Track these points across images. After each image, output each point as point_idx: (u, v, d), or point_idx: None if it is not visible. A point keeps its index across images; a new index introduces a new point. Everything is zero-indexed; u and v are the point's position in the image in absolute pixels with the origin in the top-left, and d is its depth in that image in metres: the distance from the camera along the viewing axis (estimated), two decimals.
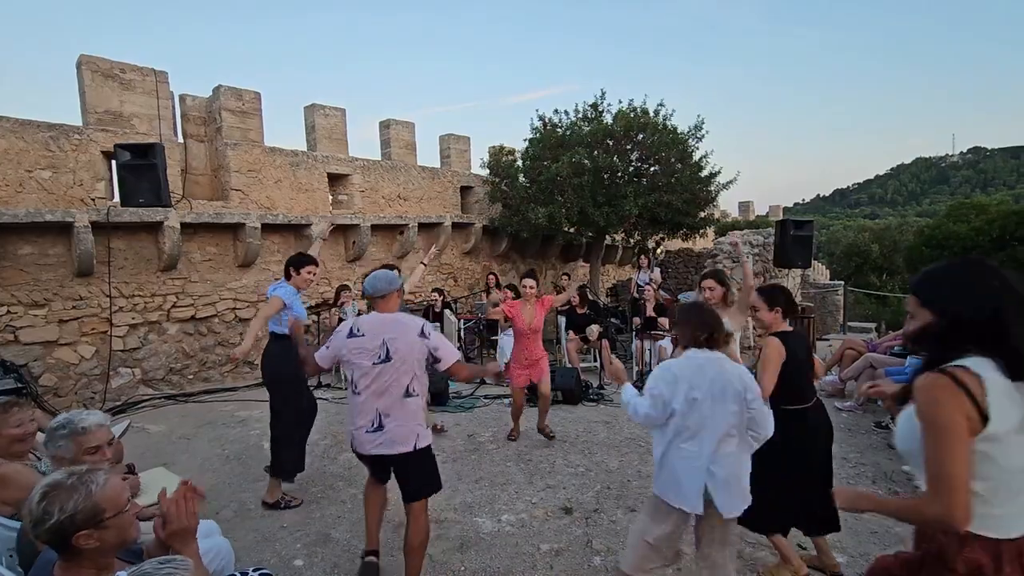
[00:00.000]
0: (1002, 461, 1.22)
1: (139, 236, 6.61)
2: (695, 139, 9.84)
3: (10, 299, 5.78)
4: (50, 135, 6.15)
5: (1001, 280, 1.29)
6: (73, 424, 2.10)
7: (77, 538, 1.40)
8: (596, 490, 3.80)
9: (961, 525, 1.20)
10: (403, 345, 2.52)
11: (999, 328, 1.24)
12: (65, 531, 1.40)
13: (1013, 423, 1.21)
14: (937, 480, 1.21)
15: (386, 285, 2.68)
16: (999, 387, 1.21)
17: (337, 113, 8.89)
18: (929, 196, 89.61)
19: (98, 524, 1.43)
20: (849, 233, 31.45)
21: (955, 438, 1.20)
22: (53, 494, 1.41)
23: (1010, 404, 1.21)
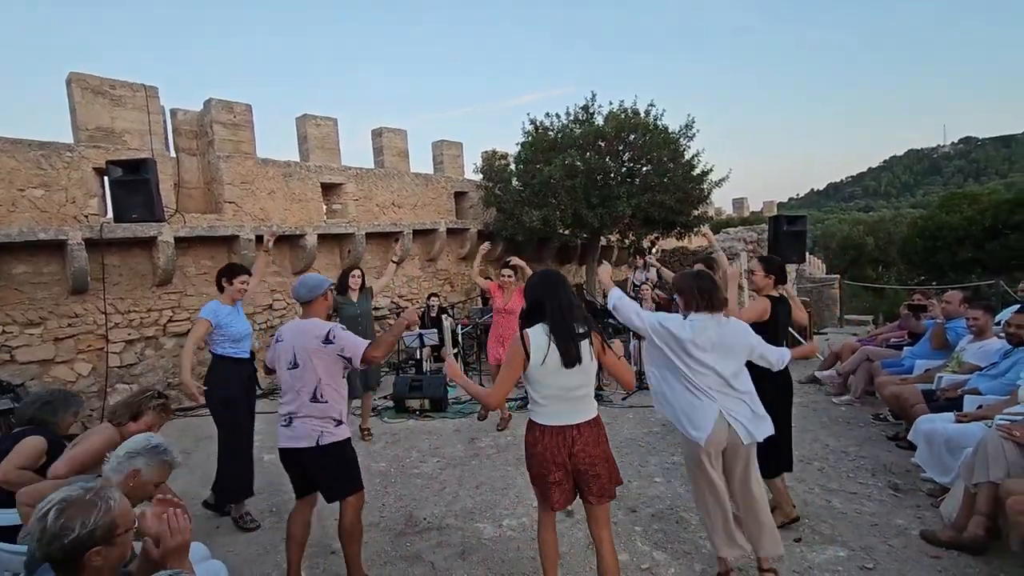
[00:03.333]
0: (540, 380, 2.27)
1: (133, 252, 6.60)
2: (686, 138, 9.87)
3: (5, 318, 5.76)
4: (41, 153, 6.15)
5: (544, 281, 2.38)
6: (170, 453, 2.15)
7: (89, 555, 1.39)
8: None
9: (492, 407, 2.71)
10: (306, 353, 2.62)
11: (542, 309, 2.30)
12: (82, 547, 1.38)
13: (540, 360, 2.23)
14: (498, 382, 2.37)
15: (307, 292, 2.74)
16: (538, 338, 2.26)
17: (329, 123, 8.91)
18: (922, 187, 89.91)
19: (110, 541, 1.43)
20: (844, 227, 31.55)
21: (510, 365, 2.30)
22: (72, 510, 1.40)
23: (540, 349, 2.24)
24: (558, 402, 2.27)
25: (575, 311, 2.30)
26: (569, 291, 2.36)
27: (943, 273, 17.51)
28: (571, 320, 2.26)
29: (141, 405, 2.68)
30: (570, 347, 2.22)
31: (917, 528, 3.12)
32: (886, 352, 5.53)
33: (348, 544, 2.69)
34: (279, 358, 2.71)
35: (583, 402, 2.31)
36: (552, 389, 2.26)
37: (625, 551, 3.03)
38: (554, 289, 2.32)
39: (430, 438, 5.14)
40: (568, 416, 2.27)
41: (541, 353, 2.22)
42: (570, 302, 2.31)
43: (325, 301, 2.80)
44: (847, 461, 4.15)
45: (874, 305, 18.05)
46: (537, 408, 2.31)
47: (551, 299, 2.28)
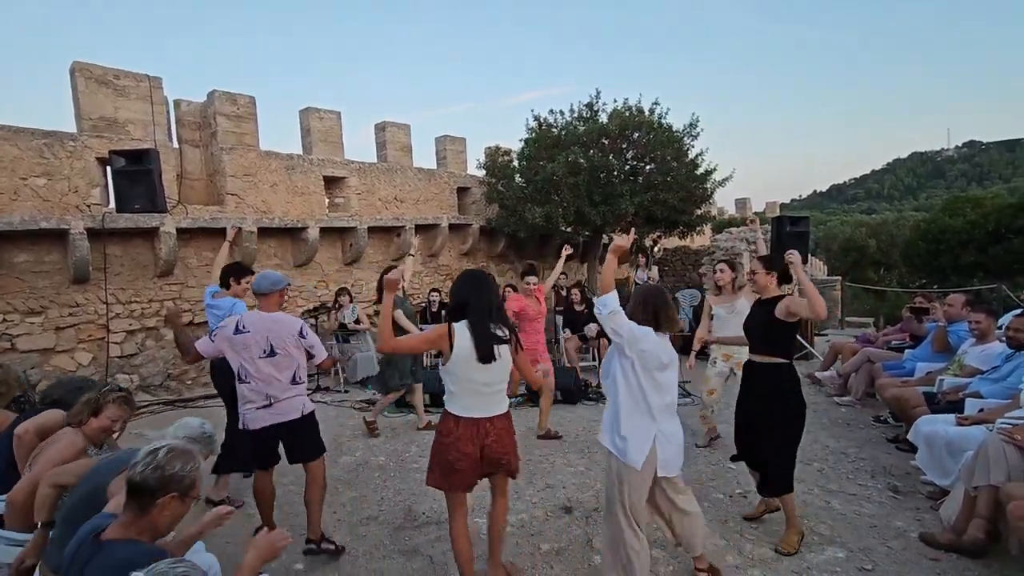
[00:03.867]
0: (459, 374, 2.40)
1: (135, 242, 6.60)
2: (690, 137, 9.85)
3: (6, 307, 5.77)
4: (44, 142, 6.14)
5: (471, 282, 2.52)
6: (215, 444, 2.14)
7: (167, 499, 1.58)
8: (596, 489, 3.79)
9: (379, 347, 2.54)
10: (284, 343, 2.94)
11: (466, 307, 2.45)
12: (167, 486, 1.58)
13: (460, 355, 2.37)
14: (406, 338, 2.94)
15: (269, 285, 3.04)
16: (462, 334, 2.38)
17: (332, 116, 8.89)
18: (925, 190, 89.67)
19: (185, 495, 1.63)
20: (846, 228, 31.51)
21: (426, 339, 2.59)
22: (179, 454, 1.62)
23: (462, 345, 2.37)
24: (472, 395, 2.43)
25: (495, 313, 2.46)
26: (492, 293, 2.50)
27: (945, 276, 17.50)
28: (491, 320, 2.43)
29: (100, 400, 2.62)
30: (487, 345, 2.38)
31: (916, 530, 3.12)
32: (887, 354, 5.52)
33: (319, 498, 3.02)
34: (245, 347, 2.89)
35: (496, 397, 2.47)
36: (467, 383, 2.41)
37: None
38: (479, 290, 2.47)
39: (429, 433, 5.11)
40: (481, 409, 2.43)
41: (462, 347, 2.37)
42: (491, 304, 2.46)
43: (280, 297, 3.11)
44: (847, 462, 4.15)
45: (875, 307, 18.04)
46: (453, 399, 2.46)
47: (475, 299, 2.44)
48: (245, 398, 2.92)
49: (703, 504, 3.53)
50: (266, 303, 3.03)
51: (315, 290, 8.51)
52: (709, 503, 3.55)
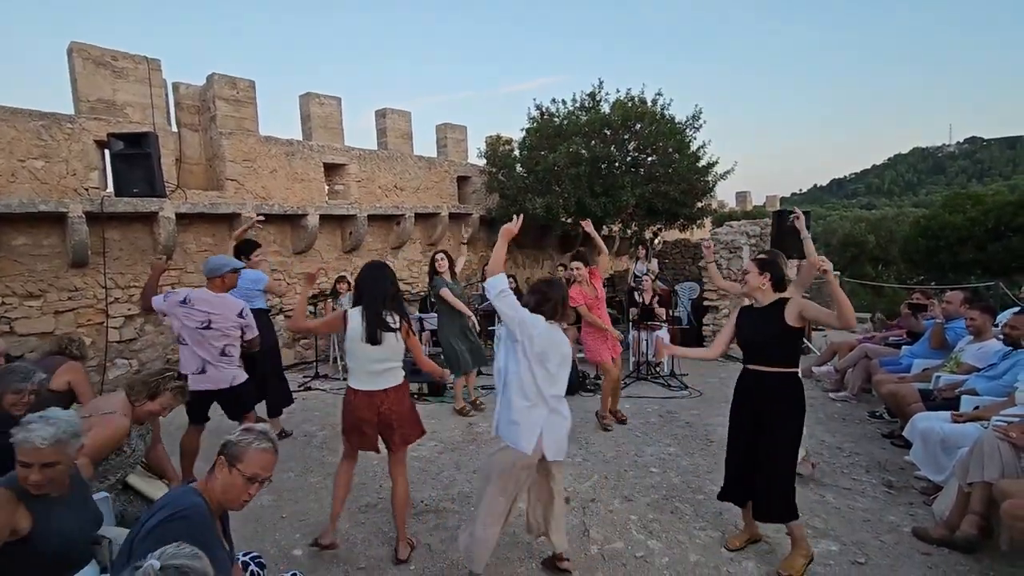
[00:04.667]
0: (351, 351, 2.81)
1: (134, 227, 6.56)
2: (692, 129, 9.79)
3: (5, 290, 5.75)
4: (42, 124, 6.08)
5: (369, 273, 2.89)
6: (20, 427, 1.89)
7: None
8: (593, 480, 3.83)
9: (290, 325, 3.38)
10: (221, 320, 3.46)
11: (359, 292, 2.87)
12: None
13: (352, 336, 2.77)
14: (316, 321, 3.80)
15: (212, 270, 3.56)
16: (355, 318, 2.78)
17: (333, 102, 8.81)
18: (926, 186, 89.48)
19: None
20: (845, 223, 31.47)
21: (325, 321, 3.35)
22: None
23: (354, 328, 2.77)
24: (364, 373, 2.82)
25: (387, 301, 2.81)
26: (387, 283, 2.85)
27: (943, 273, 17.51)
28: (381, 307, 2.77)
29: (160, 385, 2.68)
30: (372, 329, 2.74)
31: (909, 525, 3.15)
32: (885, 350, 5.55)
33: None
34: (186, 316, 3.41)
35: (388, 374, 2.85)
36: (360, 361, 2.81)
37: (620, 539, 3.06)
38: (373, 281, 2.84)
39: (427, 422, 5.09)
40: (373, 383, 2.82)
41: (353, 329, 2.77)
42: (383, 292, 2.81)
43: (223, 282, 3.57)
44: (842, 457, 4.19)
45: (872, 303, 18.09)
46: (351, 375, 2.88)
47: (369, 289, 2.82)
48: (185, 362, 3.46)
49: (699, 496, 3.58)
50: (211, 284, 3.56)
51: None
52: (704, 495, 3.58)
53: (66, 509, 1.96)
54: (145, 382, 2.69)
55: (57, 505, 1.93)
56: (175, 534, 1.51)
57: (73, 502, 2.01)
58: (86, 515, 2.08)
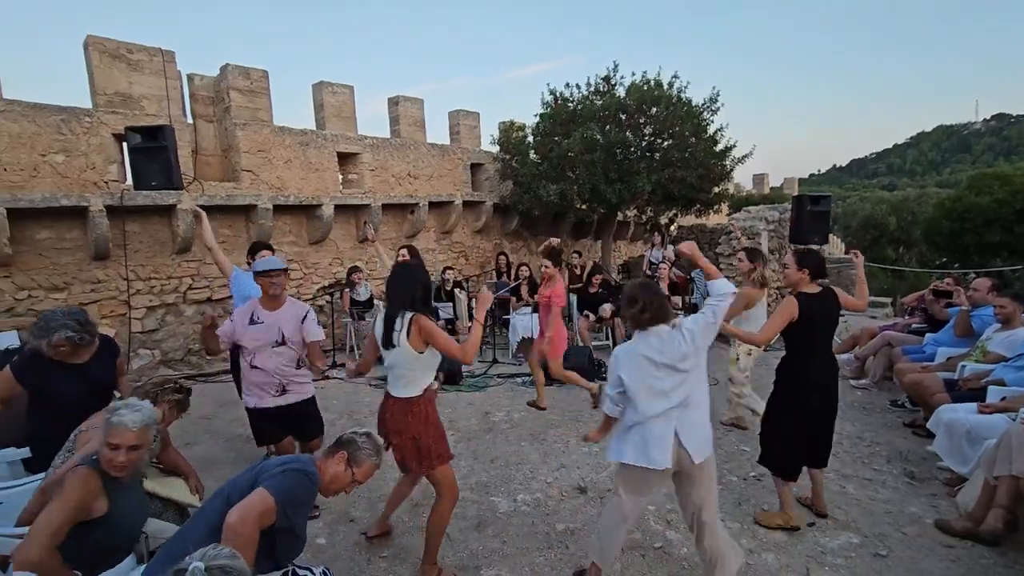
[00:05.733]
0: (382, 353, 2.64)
1: (153, 219, 6.66)
2: (710, 112, 9.60)
3: (31, 283, 5.88)
4: (61, 118, 6.15)
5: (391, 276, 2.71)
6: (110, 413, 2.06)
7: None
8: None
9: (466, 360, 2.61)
10: (292, 330, 3.09)
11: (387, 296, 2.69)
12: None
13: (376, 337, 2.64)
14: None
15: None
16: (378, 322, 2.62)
17: (345, 91, 8.78)
18: (950, 165, 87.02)
19: None
20: (866, 205, 30.81)
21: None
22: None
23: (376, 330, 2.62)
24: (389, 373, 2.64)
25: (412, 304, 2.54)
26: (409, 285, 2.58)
27: (968, 256, 17.08)
28: (393, 311, 2.54)
29: (158, 396, 2.64)
30: (385, 333, 2.54)
31: (931, 517, 3.12)
32: (907, 338, 5.45)
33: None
34: (258, 337, 3.03)
35: (398, 380, 2.58)
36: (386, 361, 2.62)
37: (638, 530, 3.07)
38: (394, 282, 2.66)
39: (444, 411, 5.17)
40: (388, 385, 2.65)
41: (376, 332, 2.64)
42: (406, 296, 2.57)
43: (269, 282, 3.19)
44: (862, 447, 4.14)
45: (893, 287, 17.74)
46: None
47: (391, 291, 2.65)
48: (255, 383, 3.07)
49: (718, 486, 3.56)
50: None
51: (330, 267, 8.55)
52: (722, 486, 3.57)
53: (131, 496, 2.10)
54: (145, 393, 2.63)
55: (126, 491, 2.07)
56: (300, 483, 1.93)
57: (134, 491, 2.15)
58: (142, 505, 2.22)
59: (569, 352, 6.18)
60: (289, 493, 1.86)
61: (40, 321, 2.71)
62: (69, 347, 2.69)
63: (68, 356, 2.72)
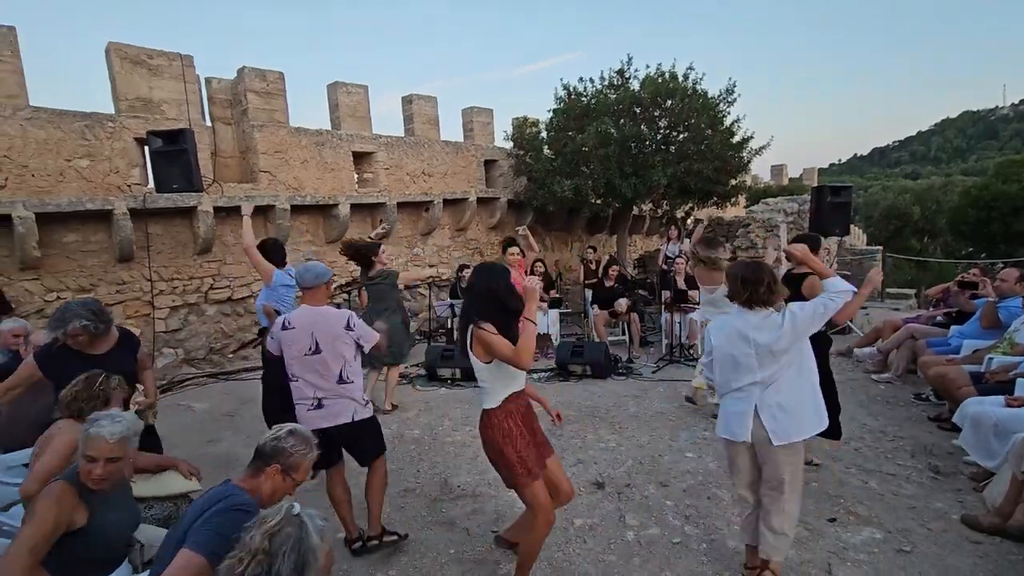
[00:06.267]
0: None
1: (175, 221, 6.80)
2: (726, 103, 9.49)
3: (59, 285, 6.05)
4: (85, 124, 6.31)
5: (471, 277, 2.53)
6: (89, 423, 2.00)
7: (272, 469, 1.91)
8: (627, 465, 3.83)
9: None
10: (329, 339, 2.76)
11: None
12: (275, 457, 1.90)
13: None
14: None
15: (313, 278, 2.86)
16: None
17: (360, 90, 8.85)
18: (976, 152, 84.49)
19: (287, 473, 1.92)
20: (888, 195, 30.14)
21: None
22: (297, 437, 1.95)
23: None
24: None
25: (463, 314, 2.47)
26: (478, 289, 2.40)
27: (994, 245, 16.65)
28: (462, 320, 2.44)
29: (106, 390, 2.49)
30: (460, 339, 2.47)
31: (957, 512, 3.06)
32: (932, 330, 5.33)
33: (377, 495, 2.94)
34: (290, 344, 2.77)
35: (481, 392, 2.45)
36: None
37: (656, 525, 3.07)
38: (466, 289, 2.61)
39: (462, 407, 5.24)
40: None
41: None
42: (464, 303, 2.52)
43: (327, 289, 2.94)
44: (885, 441, 4.07)
45: (917, 278, 17.37)
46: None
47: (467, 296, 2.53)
48: (296, 397, 2.82)
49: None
50: (311, 296, 2.87)
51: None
52: None
53: (114, 506, 2.06)
54: (92, 396, 2.43)
55: (108, 502, 2.03)
56: (231, 522, 1.65)
57: (119, 500, 2.11)
58: (128, 514, 2.17)
59: (585, 348, 6.19)
60: (219, 539, 1.65)
61: (56, 312, 2.80)
62: (86, 336, 2.76)
63: (86, 346, 2.80)
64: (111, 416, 2.01)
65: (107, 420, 1.98)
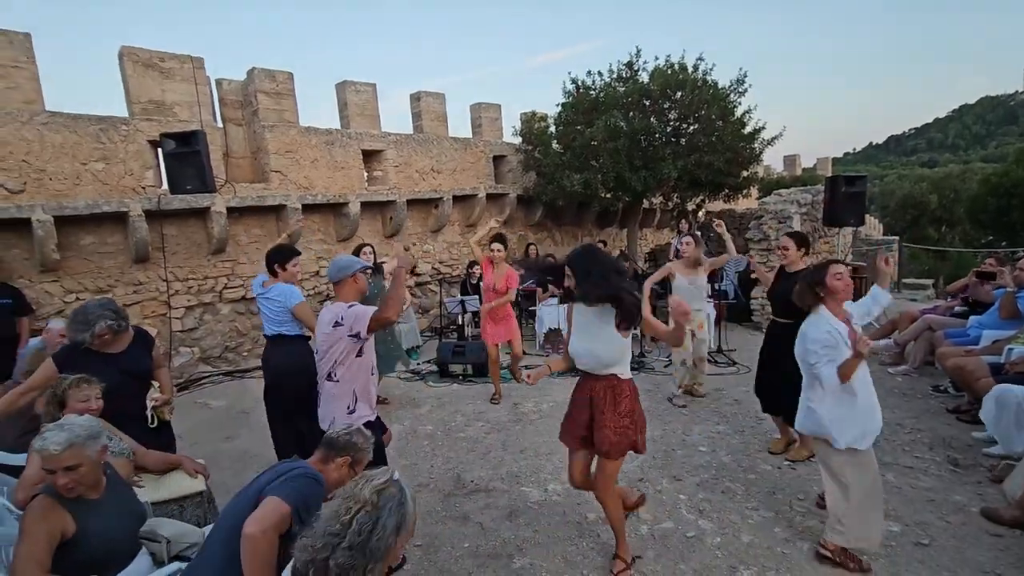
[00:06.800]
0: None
1: (189, 222, 6.88)
2: (737, 94, 9.36)
3: (78, 287, 6.16)
4: (100, 127, 6.39)
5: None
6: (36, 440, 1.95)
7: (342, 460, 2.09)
8: (640, 459, 3.81)
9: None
10: (323, 338, 2.70)
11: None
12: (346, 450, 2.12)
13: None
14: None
15: (336, 271, 2.75)
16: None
17: (368, 89, 8.88)
18: (996, 138, 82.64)
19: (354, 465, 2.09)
20: (905, 183, 29.64)
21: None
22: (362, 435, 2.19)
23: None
24: None
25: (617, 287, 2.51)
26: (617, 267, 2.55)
27: (1015, 233, 16.29)
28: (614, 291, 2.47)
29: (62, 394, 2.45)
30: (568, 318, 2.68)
31: (977, 505, 3.02)
32: (949, 321, 5.25)
33: None
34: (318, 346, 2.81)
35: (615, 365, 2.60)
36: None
37: (670, 519, 3.07)
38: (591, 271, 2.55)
39: (474, 402, 5.26)
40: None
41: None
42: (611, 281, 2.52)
43: (355, 283, 2.75)
44: (903, 434, 4.02)
45: (935, 268, 17.07)
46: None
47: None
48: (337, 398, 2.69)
49: (751, 475, 3.53)
50: (339, 290, 2.75)
51: None
52: (756, 474, 3.53)
53: (104, 509, 2.04)
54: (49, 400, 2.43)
55: (96, 506, 2.01)
56: (311, 488, 1.89)
57: (110, 502, 2.08)
58: (126, 513, 2.14)
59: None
60: (302, 497, 1.83)
61: (79, 315, 2.80)
62: (110, 335, 2.82)
63: (108, 345, 2.84)
64: (58, 425, 1.96)
65: (53, 431, 1.92)
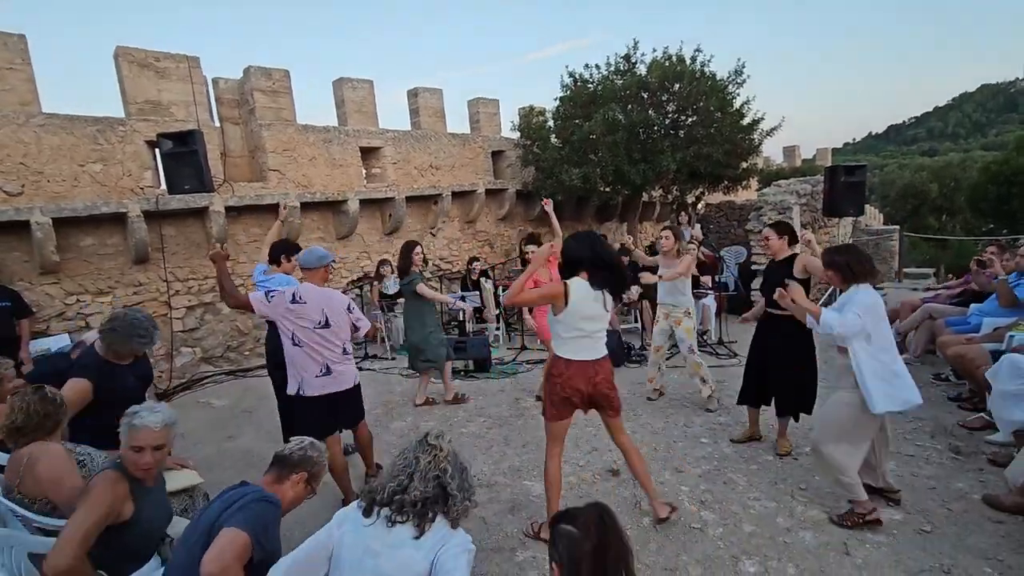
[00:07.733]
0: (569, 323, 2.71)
1: (188, 222, 6.87)
2: (735, 85, 9.32)
3: (78, 288, 6.16)
4: (97, 129, 6.39)
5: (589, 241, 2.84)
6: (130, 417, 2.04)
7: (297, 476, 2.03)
8: (642, 452, 3.81)
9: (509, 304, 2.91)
10: (337, 316, 3.14)
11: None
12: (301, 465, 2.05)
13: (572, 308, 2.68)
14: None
15: (315, 260, 3.21)
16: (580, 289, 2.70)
17: (365, 85, 8.85)
18: (996, 126, 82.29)
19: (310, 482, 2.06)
20: (905, 173, 29.56)
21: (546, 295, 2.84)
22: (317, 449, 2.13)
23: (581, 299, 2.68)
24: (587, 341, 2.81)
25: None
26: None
27: (1016, 221, 16.25)
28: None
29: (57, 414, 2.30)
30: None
31: (979, 492, 3.03)
32: (950, 309, 5.24)
33: (368, 447, 3.54)
34: (300, 316, 3.05)
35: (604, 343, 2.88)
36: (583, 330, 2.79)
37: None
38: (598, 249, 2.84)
39: (475, 398, 5.27)
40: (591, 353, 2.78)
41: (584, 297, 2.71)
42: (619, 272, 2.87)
43: (325, 272, 3.26)
44: (904, 423, 4.03)
45: (935, 257, 17.05)
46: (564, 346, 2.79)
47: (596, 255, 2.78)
48: (300, 364, 3.08)
49: (752, 466, 3.53)
50: (312, 277, 3.20)
51: (357, 261, 8.70)
52: (758, 465, 3.53)
53: (155, 499, 2.11)
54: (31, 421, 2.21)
55: (150, 495, 2.07)
56: (266, 514, 1.82)
57: (158, 494, 2.16)
58: (165, 509, 2.22)
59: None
60: (260, 522, 1.77)
61: (139, 328, 2.78)
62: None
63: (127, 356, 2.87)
64: (150, 407, 2.08)
65: (148, 411, 2.04)
